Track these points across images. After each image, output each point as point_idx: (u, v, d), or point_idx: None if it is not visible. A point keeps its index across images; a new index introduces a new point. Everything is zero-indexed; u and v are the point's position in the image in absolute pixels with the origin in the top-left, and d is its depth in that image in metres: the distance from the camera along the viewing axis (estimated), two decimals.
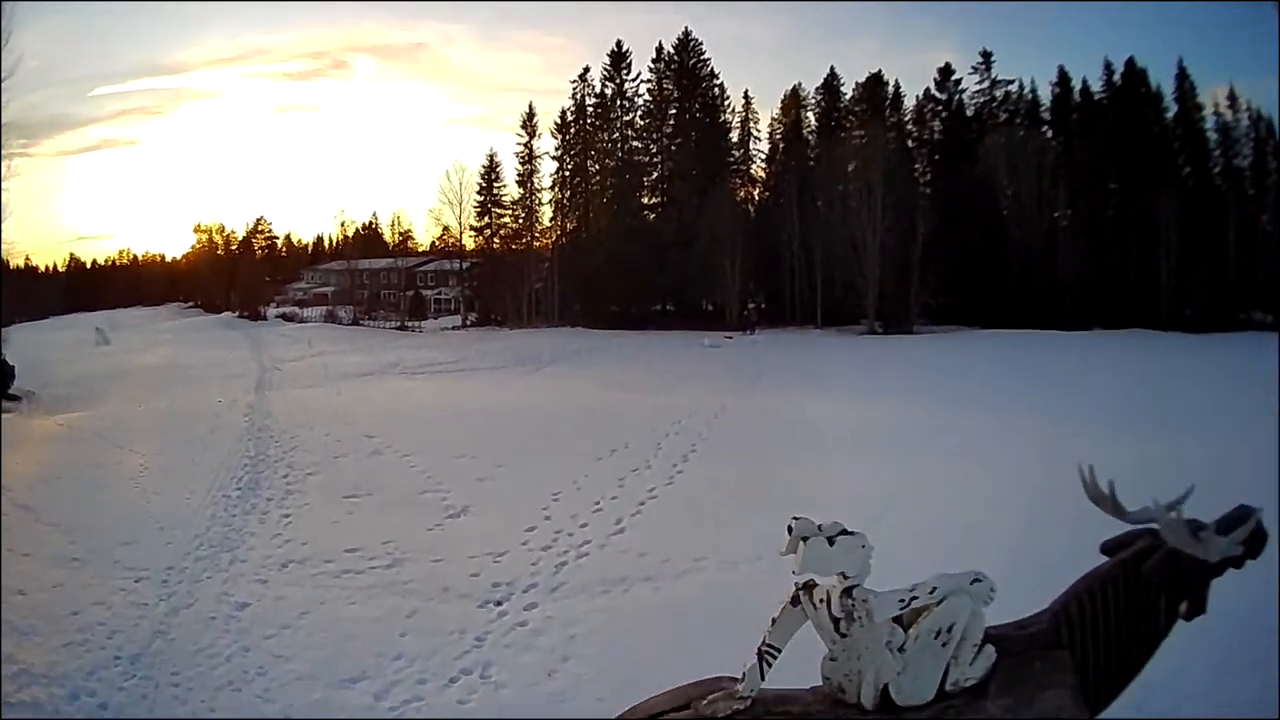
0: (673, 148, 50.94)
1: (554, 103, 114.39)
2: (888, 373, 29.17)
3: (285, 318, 64.40)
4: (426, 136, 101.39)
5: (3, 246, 33.49)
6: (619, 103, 51.31)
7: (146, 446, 18.87)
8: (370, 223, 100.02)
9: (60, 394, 31.21)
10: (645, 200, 48.30)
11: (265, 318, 66.00)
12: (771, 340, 41.03)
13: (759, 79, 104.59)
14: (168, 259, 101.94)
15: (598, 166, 51.37)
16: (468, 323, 54.62)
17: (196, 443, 19.13)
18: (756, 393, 25.63)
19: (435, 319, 60.00)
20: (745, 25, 80.00)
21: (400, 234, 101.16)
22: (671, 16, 73.30)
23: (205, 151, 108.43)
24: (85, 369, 37.78)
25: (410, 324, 55.57)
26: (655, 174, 51.56)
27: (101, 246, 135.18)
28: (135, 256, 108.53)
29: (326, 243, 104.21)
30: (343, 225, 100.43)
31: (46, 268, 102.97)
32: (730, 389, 26.24)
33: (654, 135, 51.70)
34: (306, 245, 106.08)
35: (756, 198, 53.84)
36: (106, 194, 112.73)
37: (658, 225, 46.06)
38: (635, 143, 51.78)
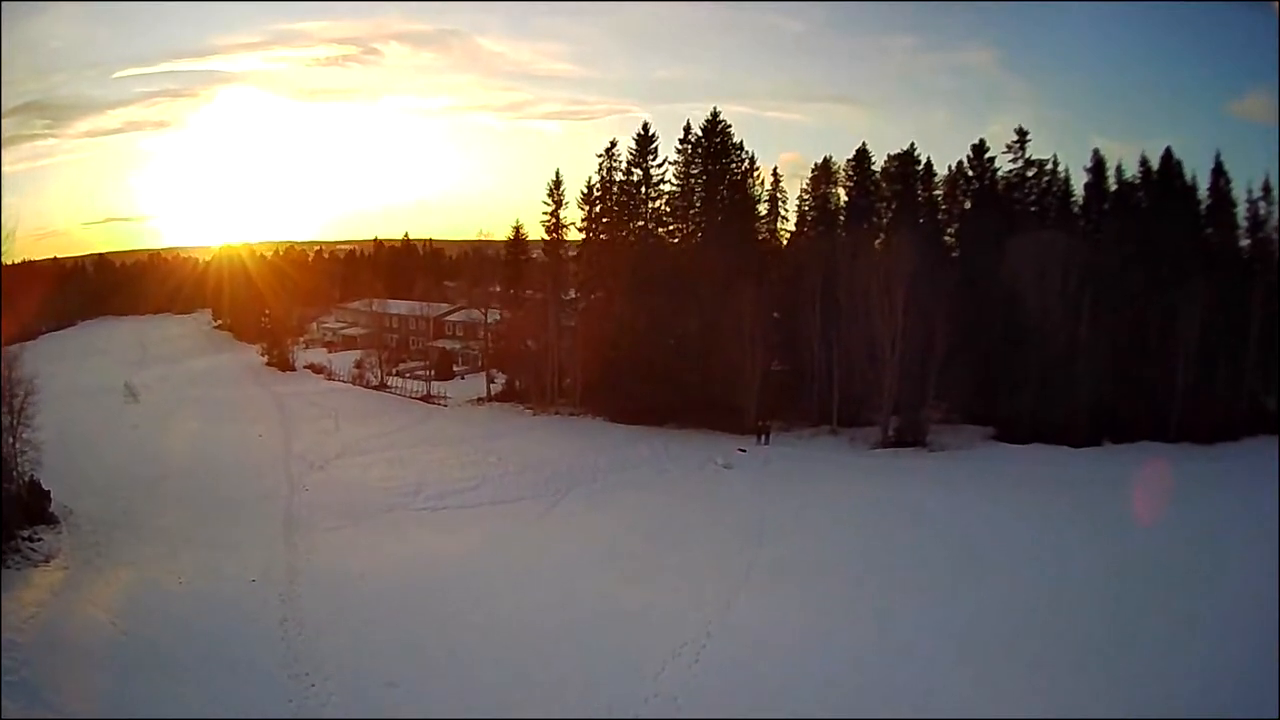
0: (699, 235, 51.32)
1: (581, 92, 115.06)
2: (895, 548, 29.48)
3: (314, 369, 65.60)
4: (458, 124, 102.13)
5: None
6: (644, 190, 51.76)
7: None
8: (405, 235, 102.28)
9: (95, 512, 32.53)
10: (668, 291, 48.47)
11: (294, 366, 67.13)
12: (783, 457, 41.72)
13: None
14: (198, 261, 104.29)
15: (622, 252, 51.79)
16: (491, 393, 55.62)
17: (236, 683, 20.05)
18: (750, 580, 26.48)
19: (462, 378, 61.14)
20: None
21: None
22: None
23: (234, 137, 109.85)
24: (116, 463, 39.21)
25: (435, 394, 56.54)
26: (680, 251, 51.79)
27: (134, 229, 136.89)
28: (166, 259, 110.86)
29: (359, 253, 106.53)
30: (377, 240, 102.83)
31: (75, 263, 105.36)
32: (730, 565, 27.49)
33: (680, 220, 52.19)
34: (339, 253, 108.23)
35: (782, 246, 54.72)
36: (136, 176, 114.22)
37: (681, 322, 46.50)
38: (660, 230, 52.28)
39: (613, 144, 52.29)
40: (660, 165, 51.85)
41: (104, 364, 66.43)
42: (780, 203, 54.65)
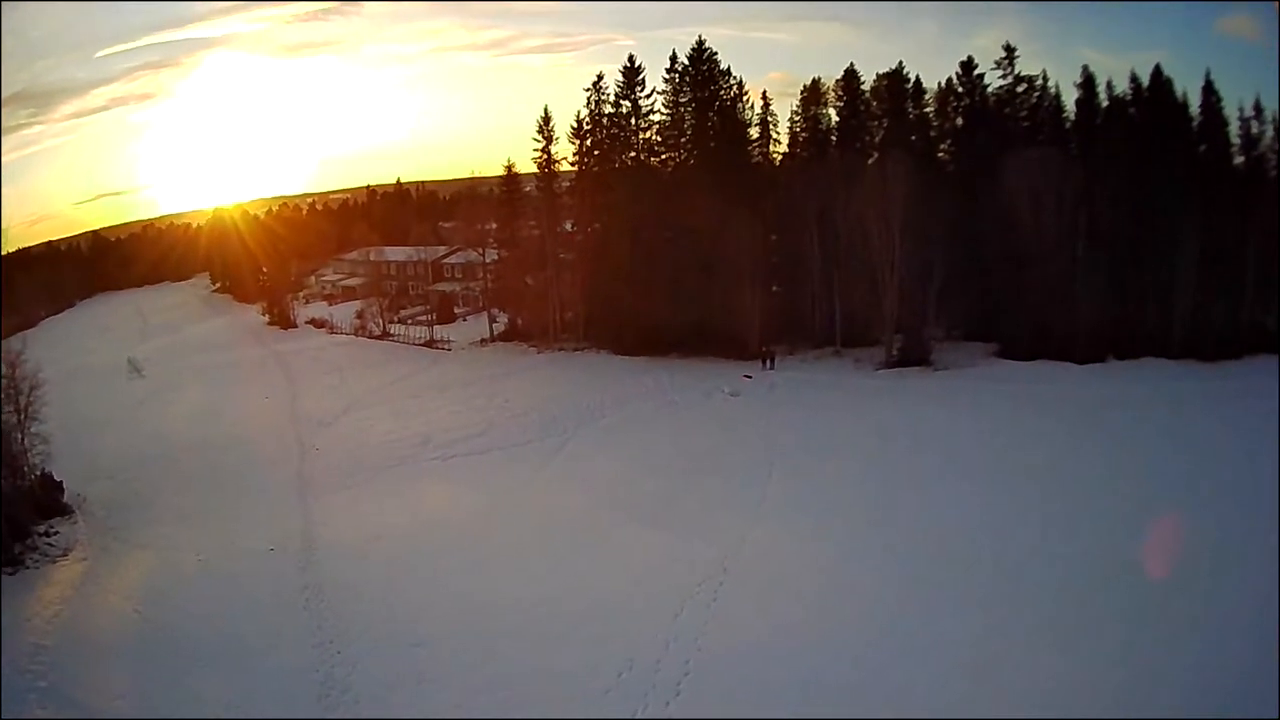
0: (691, 162, 50.39)
1: (563, 24, 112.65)
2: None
3: (315, 324, 65.49)
4: (442, 66, 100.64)
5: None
6: (634, 121, 50.84)
7: None
8: (397, 181, 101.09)
9: (107, 495, 32.94)
10: (664, 224, 47.66)
11: (295, 323, 66.94)
12: (789, 382, 41.67)
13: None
14: (192, 226, 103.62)
15: (616, 184, 50.85)
16: (494, 333, 55.59)
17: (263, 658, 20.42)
18: (760, 522, 26.39)
19: (464, 321, 61.03)
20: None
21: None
22: None
23: (220, 100, 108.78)
24: (123, 443, 39.40)
25: (438, 339, 56.43)
26: (674, 180, 50.73)
27: (128, 202, 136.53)
28: (159, 228, 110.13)
29: (353, 203, 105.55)
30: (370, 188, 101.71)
31: (70, 244, 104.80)
32: (739, 506, 27.44)
33: (671, 149, 51.27)
34: (333, 204, 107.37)
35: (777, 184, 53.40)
36: (126, 150, 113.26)
37: (678, 250, 45.98)
38: (653, 160, 51.35)
39: (600, 77, 51.42)
40: (648, 95, 50.92)
41: (106, 341, 66.37)
42: (771, 125, 53.45)
